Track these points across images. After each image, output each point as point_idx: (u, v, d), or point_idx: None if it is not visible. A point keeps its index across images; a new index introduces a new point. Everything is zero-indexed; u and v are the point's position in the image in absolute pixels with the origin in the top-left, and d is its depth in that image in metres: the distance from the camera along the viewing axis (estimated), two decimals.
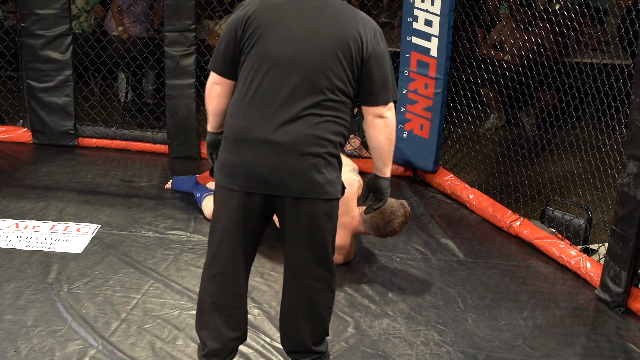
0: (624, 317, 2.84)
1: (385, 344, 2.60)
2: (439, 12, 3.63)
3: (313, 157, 2.06)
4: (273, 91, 2.05)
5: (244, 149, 2.08)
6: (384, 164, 2.18)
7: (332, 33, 2.03)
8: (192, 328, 2.61)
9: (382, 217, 2.93)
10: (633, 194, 2.74)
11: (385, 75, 2.08)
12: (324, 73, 2.03)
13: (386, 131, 2.12)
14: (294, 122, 2.04)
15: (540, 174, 4.21)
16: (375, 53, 2.05)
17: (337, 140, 2.10)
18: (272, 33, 2.04)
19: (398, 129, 3.95)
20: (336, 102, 2.07)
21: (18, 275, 2.89)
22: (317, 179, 2.07)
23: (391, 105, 2.12)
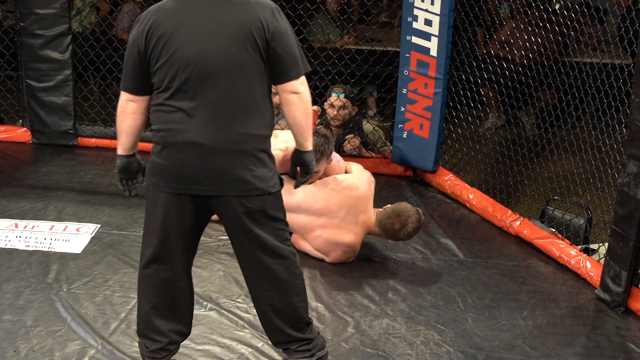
0: (624, 317, 2.83)
1: (385, 343, 2.60)
2: (439, 12, 3.63)
3: (239, 155, 2.08)
4: (190, 94, 2.06)
5: (171, 152, 2.10)
6: (304, 138, 2.19)
7: (232, 25, 2.04)
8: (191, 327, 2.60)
9: (398, 220, 2.95)
10: (633, 194, 2.74)
11: (292, 50, 2.08)
12: (234, 67, 2.04)
13: (302, 106, 2.12)
14: (215, 121, 2.06)
15: (540, 173, 4.21)
16: (278, 31, 2.06)
17: (262, 134, 2.11)
18: (176, 39, 2.05)
19: (398, 128, 3.96)
20: (252, 94, 2.07)
21: (17, 275, 2.89)
22: (245, 176, 2.09)
23: (303, 79, 2.12)
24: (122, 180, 2.31)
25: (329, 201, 3.01)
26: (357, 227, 3.02)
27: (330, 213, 3.01)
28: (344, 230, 3.02)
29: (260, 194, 2.12)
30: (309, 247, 3.12)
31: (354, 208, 3.01)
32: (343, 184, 3.05)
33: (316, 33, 5.35)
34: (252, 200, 2.12)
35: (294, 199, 3.04)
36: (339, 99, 4.04)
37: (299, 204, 3.05)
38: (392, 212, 2.98)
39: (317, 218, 3.03)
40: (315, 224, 3.04)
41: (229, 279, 2.95)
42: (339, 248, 3.05)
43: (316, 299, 2.84)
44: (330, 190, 3.02)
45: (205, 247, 3.18)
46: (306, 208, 3.04)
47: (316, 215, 3.03)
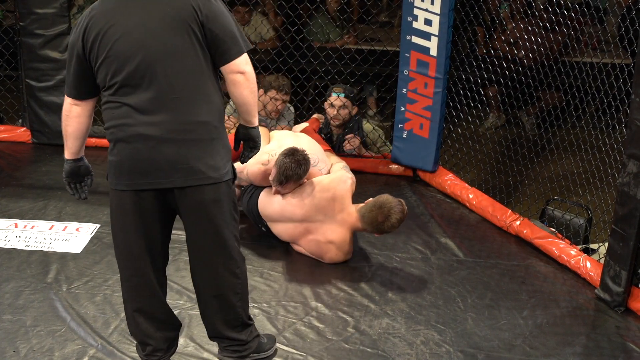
0: (624, 317, 2.83)
1: (385, 343, 2.60)
2: (439, 11, 3.63)
3: (188, 144, 2.06)
4: (133, 88, 2.05)
5: (122, 148, 2.10)
6: (252, 115, 2.18)
7: (166, 14, 2.03)
8: (191, 328, 2.61)
9: (380, 212, 2.94)
10: (633, 194, 2.74)
11: (230, 29, 2.07)
12: (173, 56, 2.03)
13: (248, 85, 2.10)
14: (162, 112, 2.05)
15: (540, 173, 4.20)
16: (212, 13, 2.04)
17: (210, 121, 2.09)
18: (112, 35, 2.04)
19: (398, 128, 3.96)
20: (196, 81, 2.06)
21: (17, 275, 2.88)
22: (197, 165, 2.08)
23: (247, 58, 2.10)
24: (70, 184, 2.30)
25: (304, 207, 3.03)
26: (338, 226, 3.04)
27: (309, 218, 3.04)
28: (327, 230, 3.04)
29: (213, 183, 2.10)
30: (307, 253, 3.13)
31: (329, 209, 3.03)
32: (316, 188, 3.06)
33: (316, 33, 5.35)
34: (206, 190, 2.10)
35: (275, 209, 3.09)
36: (339, 99, 4.03)
37: (281, 213, 3.09)
38: (374, 205, 2.98)
39: (300, 224, 3.07)
40: (300, 230, 3.08)
41: None
42: (329, 248, 3.06)
43: (316, 299, 2.84)
44: (306, 196, 3.04)
45: None
46: (288, 216, 3.08)
47: (299, 222, 3.06)
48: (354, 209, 3.04)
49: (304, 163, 3.02)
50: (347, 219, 3.03)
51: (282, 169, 2.99)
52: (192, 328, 2.60)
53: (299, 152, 3.03)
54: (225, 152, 2.14)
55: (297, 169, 2.99)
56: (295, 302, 2.82)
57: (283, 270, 3.05)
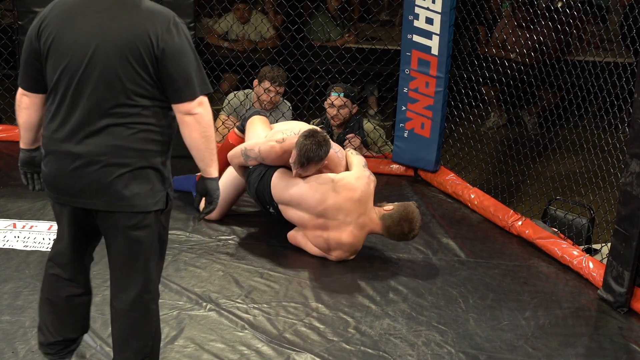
0: (627, 318, 2.82)
1: (386, 344, 2.58)
2: (440, 10, 3.61)
3: (116, 169, 1.98)
4: (71, 102, 1.98)
5: (52, 161, 2.04)
6: (206, 164, 2.07)
7: (119, 35, 1.94)
8: (191, 328, 2.59)
9: (408, 225, 2.97)
10: (636, 194, 2.72)
11: (185, 70, 1.96)
12: (117, 78, 1.94)
13: (199, 128, 2.00)
14: (95, 133, 1.97)
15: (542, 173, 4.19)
16: (170, 49, 1.94)
17: (147, 149, 2.00)
18: (63, 41, 1.97)
19: (399, 127, 3.94)
20: (137, 107, 1.97)
21: (16, 276, 2.87)
22: (123, 192, 2.00)
23: (202, 99, 2.00)
24: (26, 174, 2.25)
25: (326, 203, 2.98)
26: (357, 229, 3.01)
27: (329, 215, 2.99)
28: (343, 231, 3.00)
29: (138, 212, 2.02)
30: (310, 245, 3.10)
31: (352, 211, 2.99)
32: (340, 184, 3.00)
33: (316, 31, 5.33)
34: (129, 217, 2.02)
35: (293, 195, 3.02)
36: (339, 99, 4.02)
37: (299, 201, 3.02)
38: (401, 218, 2.98)
39: (316, 218, 3.01)
40: (314, 224, 3.02)
41: (228, 279, 2.93)
42: (339, 248, 3.03)
43: (317, 300, 2.83)
44: (328, 191, 2.98)
45: (205, 247, 3.17)
46: (305, 207, 3.02)
47: (315, 215, 3.01)
48: (376, 214, 3.01)
49: (325, 144, 2.96)
50: (368, 223, 3.01)
51: (303, 150, 2.92)
52: (192, 329, 2.59)
53: (319, 133, 2.97)
54: (158, 182, 2.04)
55: (318, 150, 2.93)
56: (295, 302, 2.80)
57: (283, 270, 3.03)
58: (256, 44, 5.16)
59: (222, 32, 5.38)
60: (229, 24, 5.32)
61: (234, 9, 5.30)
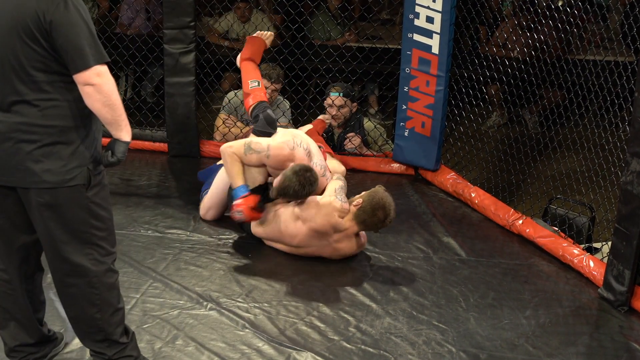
0: (627, 316, 2.81)
1: (387, 343, 2.58)
2: (441, 9, 3.61)
3: (27, 145, 2.02)
4: None
5: None
6: (115, 129, 2.11)
7: (11, 14, 1.99)
8: (191, 328, 2.59)
9: (381, 211, 2.94)
10: (636, 192, 2.72)
11: (76, 41, 2.00)
12: (14, 56, 1.99)
13: (100, 98, 2.03)
14: (3, 110, 2.02)
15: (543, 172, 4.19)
16: (58, 22, 1.98)
17: (55, 125, 2.03)
18: None
19: (399, 126, 3.94)
20: (40, 83, 2.01)
21: None
22: (33, 168, 2.03)
23: (99, 69, 2.02)
24: None
25: (298, 237, 3.02)
26: (336, 243, 3.02)
27: (305, 244, 3.03)
28: (325, 251, 3.04)
29: (50, 187, 2.05)
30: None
31: (322, 235, 2.99)
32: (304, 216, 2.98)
33: (317, 30, 5.33)
34: (42, 193, 2.05)
35: (269, 232, 3.07)
36: (338, 98, 4.02)
37: (278, 237, 3.07)
38: (371, 207, 2.94)
39: (297, 249, 3.07)
40: (297, 252, 3.08)
41: (229, 278, 2.93)
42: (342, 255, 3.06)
43: (317, 298, 2.83)
44: (297, 225, 3.00)
45: (205, 246, 3.17)
46: (284, 241, 3.07)
47: (294, 246, 3.07)
48: (347, 219, 2.99)
49: (309, 186, 2.94)
50: (343, 235, 3.01)
51: (285, 184, 2.94)
52: (193, 328, 2.59)
53: (309, 173, 2.95)
54: (73, 157, 2.07)
55: (300, 190, 2.94)
56: (296, 301, 2.80)
57: (284, 269, 3.03)
58: None
59: (222, 31, 5.38)
60: (229, 23, 5.32)
61: (235, 8, 5.30)
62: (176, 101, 4.03)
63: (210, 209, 3.35)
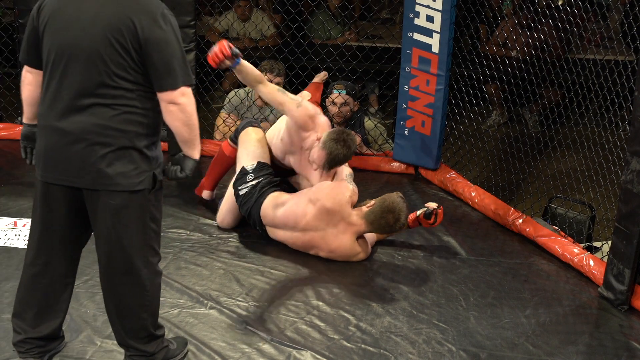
0: (628, 315, 2.81)
1: (387, 342, 2.58)
2: (441, 8, 3.61)
3: (101, 148, 2.05)
4: (60, 80, 2.06)
5: (42, 137, 2.12)
6: (189, 147, 2.16)
7: (107, 20, 2.02)
8: (192, 327, 2.59)
9: (391, 215, 2.95)
10: (637, 191, 2.72)
11: (167, 60, 2.03)
12: (101, 61, 2.02)
13: (181, 117, 2.08)
14: (80, 111, 2.05)
15: (543, 171, 4.18)
16: (153, 38, 2.02)
17: (130, 130, 2.06)
18: (56, 22, 2.06)
19: (399, 125, 3.94)
20: (121, 90, 2.05)
21: (16, 274, 2.85)
22: (106, 170, 2.06)
23: (184, 90, 2.06)
24: (25, 148, 2.30)
25: (306, 216, 3.00)
26: (341, 232, 3.01)
27: (311, 227, 3.01)
28: (329, 239, 3.02)
29: (121, 190, 2.08)
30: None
31: (331, 218, 2.98)
32: (315, 196, 3.00)
33: (317, 29, 5.33)
34: (113, 196, 2.09)
35: (278, 217, 3.06)
36: (340, 96, 4.01)
37: (284, 222, 3.06)
38: (382, 210, 2.96)
39: (302, 235, 3.04)
40: (302, 241, 3.06)
41: (229, 277, 2.93)
42: (333, 255, 3.05)
43: (317, 297, 2.83)
44: (306, 204, 3.00)
45: (205, 245, 3.17)
46: (291, 226, 3.05)
47: (300, 231, 3.04)
48: (358, 214, 3.01)
49: (352, 144, 3.00)
50: (348, 227, 3.00)
51: (334, 154, 2.94)
52: (193, 327, 2.59)
53: (346, 135, 2.99)
54: (143, 162, 2.10)
55: (347, 153, 2.98)
56: (296, 300, 2.80)
57: (284, 268, 3.03)
58: (257, 42, 5.15)
59: (222, 30, 5.37)
60: (229, 22, 5.31)
61: (235, 7, 5.30)
62: None
63: (227, 214, 3.29)
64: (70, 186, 2.11)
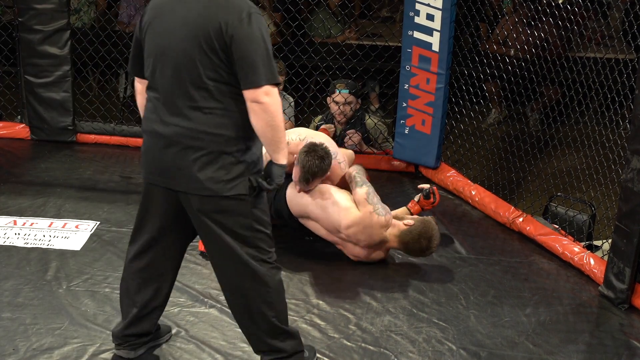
0: (628, 314, 2.81)
1: (387, 341, 2.58)
2: (441, 7, 3.60)
3: (193, 152, 2.07)
4: (158, 84, 2.11)
5: (145, 140, 2.18)
6: (273, 150, 2.13)
7: (195, 22, 2.05)
8: (192, 325, 2.59)
9: (427, 241, 2.96)
10: (637, 190, 2.72)
11: (252, 58, 2.03)
12: (193, 63, 2.04)
13: (265, 117, 2.05)
14: (176, 114, 2.08)
15: (543, 169, 4.18)
16: (239, 36, 2.02)
17: (222, 134, 2.06)
18: (154, 29, 2.11)
19: (399, 124, 3.93)
20: (213, 92, 2.05)
21: (16, 273, 2.87)
22: (197, 175, 2.07)
23: (269, 89, 2.04)
24: None
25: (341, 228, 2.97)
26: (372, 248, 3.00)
27: (343, 236, 3.00)
28: (357, 248, 3.01)
29: (211, 195, 2.08)
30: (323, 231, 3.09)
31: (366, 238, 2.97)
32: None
33: (317, 28, 5.32)
34: (206, 201, 2.10)
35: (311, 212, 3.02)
36: (341, 95, 4.00)
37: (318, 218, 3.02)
38: (419, 233, 2.95)
39: (334, 234, 3.03)
40: (332, 237, 3.04)
41: None
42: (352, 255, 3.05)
43: (318, 296, 2.82)
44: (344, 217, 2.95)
45: None
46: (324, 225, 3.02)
47: (333, 232, 3.02)
48: (392, 233, 2.97)
49: (327, 157, 2.98)
50: (381, 243, 3.00)
51: (307, 167, 2.93)
52: (193, 326, 2.59)
53: (318, 147, 2.98)
54: (236, 167, 2.09)
55: (321, 164, 2.95)
56: (296, 299, 2.80)
57: (284, 267, 3.01)
58: None
59: None
60: None
61: None
62: None
63: None
64: (168, 188, 2.14)
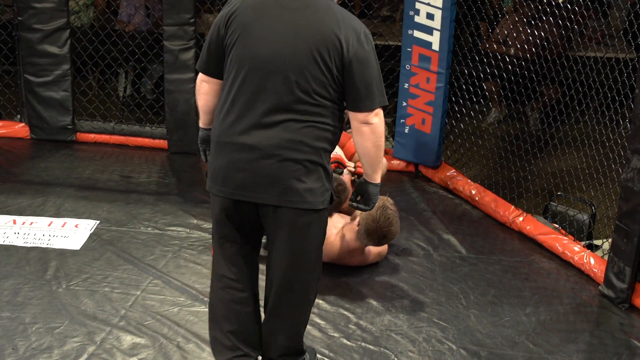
0: (628, 314, 2.81)
1: (387, 340, 2.58)
2: (441, 6, 3.60)
3: (292, 164, 2.01)
4: (251, 93, 2.00)
5: (223, 153, 2.06)
6: (373, 170, 2.14)
7: (311, 35, 1.97)
8: (192, 324, 2.59)
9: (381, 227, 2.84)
10: (637, 189, 2.71)
11: (368, 81, 2.01)
12: (302, 76, 1.97)
13: (372, 138, 2.06)
14: (272, 126, 2.00)
15: (544, 168, 4.18)
16: (357, 57, 1.98)
17: (319, 146, 2.03)
18: (251, 33, 2.00)
19: (399, 123, 3.93)
20: (316, 106, 2.00)
21: (16, 272, 2.87)
22: (296, 186, 2.02)
23: (378, 111, 2.05)
24: (204, 150, 2.33)
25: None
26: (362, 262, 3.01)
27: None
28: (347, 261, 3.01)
29: (307, 208, 2.05)
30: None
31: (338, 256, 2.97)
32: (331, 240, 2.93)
33: None
34: (300, 213, 2.05)
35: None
36: None
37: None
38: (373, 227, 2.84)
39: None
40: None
41: None
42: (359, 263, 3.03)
43: (318, 296, 2.81)
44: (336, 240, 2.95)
45: (205, 244, 3.16)
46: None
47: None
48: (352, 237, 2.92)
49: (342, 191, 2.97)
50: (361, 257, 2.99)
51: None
52: (193, 325, 2.59)
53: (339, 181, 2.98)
54: (326, 180, 2.07)
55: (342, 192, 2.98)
56: None
57: None
58: None
59: None
60: None
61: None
62: (176, 98, 4.02)
63: None
64: (248, 201, 2.06)
